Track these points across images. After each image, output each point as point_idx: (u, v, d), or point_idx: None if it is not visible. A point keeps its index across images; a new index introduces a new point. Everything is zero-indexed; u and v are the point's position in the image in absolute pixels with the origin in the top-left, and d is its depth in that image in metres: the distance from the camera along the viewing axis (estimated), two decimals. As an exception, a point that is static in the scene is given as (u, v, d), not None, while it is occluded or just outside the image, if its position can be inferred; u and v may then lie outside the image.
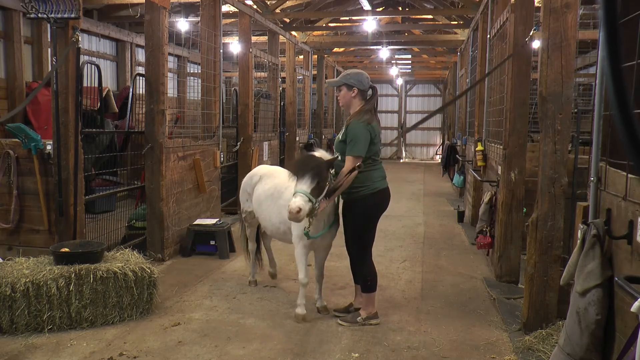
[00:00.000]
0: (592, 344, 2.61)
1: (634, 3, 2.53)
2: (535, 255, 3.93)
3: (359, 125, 4.08)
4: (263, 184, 4.81)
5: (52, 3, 4.72)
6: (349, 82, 4.20)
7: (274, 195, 4.59)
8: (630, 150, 0.83)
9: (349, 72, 4.27)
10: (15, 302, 3.88)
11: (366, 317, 4.24)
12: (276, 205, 4.53)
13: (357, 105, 4.24)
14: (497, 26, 6.31)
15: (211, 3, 7.57)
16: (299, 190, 3.80)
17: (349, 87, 4.21)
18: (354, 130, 4.07)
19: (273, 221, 4.59)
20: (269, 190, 4.68)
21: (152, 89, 5.89)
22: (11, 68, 8.78)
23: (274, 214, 4.56)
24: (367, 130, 4.07)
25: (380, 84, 25.31)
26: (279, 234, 4.62)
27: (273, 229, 4.65)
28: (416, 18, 14.42)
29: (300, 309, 4.32)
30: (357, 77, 4.22)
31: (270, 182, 4.76)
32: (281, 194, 4.48)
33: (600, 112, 2.97)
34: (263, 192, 4.74)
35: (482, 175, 7.00)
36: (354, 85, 4.20)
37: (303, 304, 4.34)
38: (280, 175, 4.76)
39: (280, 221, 4.48)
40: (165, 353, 3.68)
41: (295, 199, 3.76)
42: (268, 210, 4.64)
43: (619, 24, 0.82)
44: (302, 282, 4.34)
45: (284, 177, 4.55)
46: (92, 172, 6.96)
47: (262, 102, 10.15)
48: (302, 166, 3.91)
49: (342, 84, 4.23)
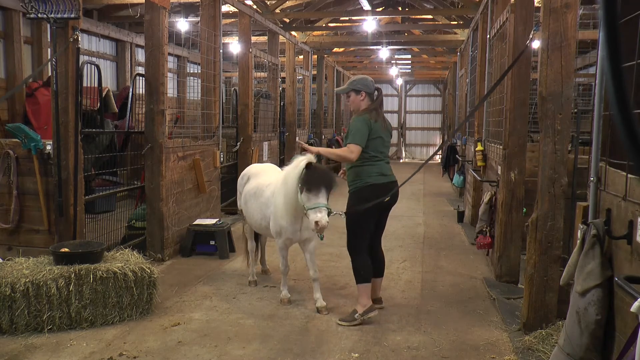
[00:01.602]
0: (592, 344, 2.61)
1: (634, 3, 2.53)
2: (535, 255, 3.92)
3: (357, 119, 4.35)
4: (249, 184, 5.08)
5: (52, 3, 4.71)
6: (356, 88, 4.45)
7: (256, 193, 4.88)
8: (630, 150, 0.83)
9: (354, 79, 4.53)
10: (15, 302, 3.88)
11: (363, 312, 4.25)
12: (257, 203, 4.82)
13: (365, 106, 4.46)
14: (497, 26, 6.31)
15: (211, 3, 7.57)
16: (322, 205, 4.00)
17: (357, 92, 4.46)
18: (353, 123, 4.38)
19: (255, 218, 4.88)
20: (252, 190, 4.96)
21: (152, 89, 5.89)
22: (11, 68, 8.78)
23: (256, 212, 4.85)
24: (365, 123, 4.29)
25: (380, 84, 25.26)
26: (262, 229, 4.93)
27: (257, 225, 4.95)
28: (416, 18, 14.42)
29: (284, 293, 4.74)
30: (363, 81, 4.47)
31: (254, 181, 5.03)
32: (262, 192, 4.80)
33: (600, 112, 2.97)
34: (248, 191, 5.03)
35: (482, 175, 7.00)
36: (362, 89, 4.44)
37: (286, 289, 4.78)
38: (265, 174, 5.05)
39: (261, 217, 4.79)
40: (165, 353, 3.68)
41: (322, 215, 3.95)
42: (252, 208, 4.90)
43: (619, 24, 0.82)
44: (282, 271, 4.77)
45: (269, 176, 4.95)
46: (92, 172, 6.96)
47: (262, 102, 10.15)
48: (319, 181, 4.05)
49: (350, 90, 4.48)
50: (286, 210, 4.37)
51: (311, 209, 3.99)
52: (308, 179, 4.04)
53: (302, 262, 6.03)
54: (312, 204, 3.99)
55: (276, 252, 6.32)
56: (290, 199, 4.27)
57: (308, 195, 4.02)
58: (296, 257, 5.93)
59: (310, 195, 4.01)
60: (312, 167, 4.08)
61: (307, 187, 4.02)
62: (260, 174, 5.10)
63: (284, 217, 4.41)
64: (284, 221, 4.43)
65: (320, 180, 4.04)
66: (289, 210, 4.34)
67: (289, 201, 4.29)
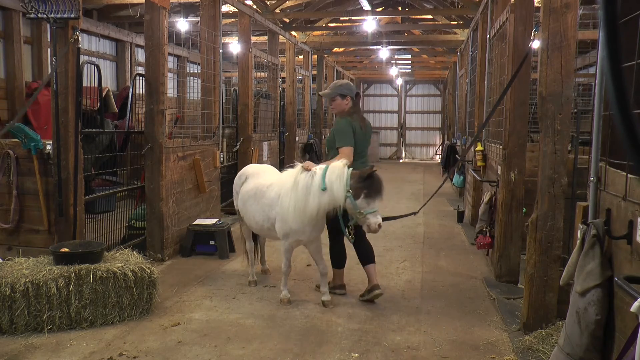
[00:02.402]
0: (592, 344, 2.61)
1: (634, 3, 2.53)
2: (535, 256, 3.92)
3: (341, 121, 4.69)
4: (247, 184, 5.06)
5: (51, 3, 4.71)
6: (343, 92, 4.75)
7: (256, 195, 4.85)
8: (630, 150, 0.83)
9: (340, 84, 4.79)
10: (15, 302, 3.88)
11: (333, 287, 4.83)
12: (259, 204, 4.79)
13: (347, 109, 4.76)
14: (497, 26, 6.31)
15: (211, 3, 7.57)
16: (377, 208, 4.26)
17: (343, 97, 4.75)
18: (337, 125, 4.68)
19: (257, 219, 4.83)
20: (251, 190, 4.93)
21: (152, 89, 5.89)
22: (11, 68, 8.78)
23: (257, 213, 4.81)
24: (348, 123, 4.64)
25: (380, 84, 25.35)
26: (264, 231, 4.89)
27: (257, 227, 4.91)
28: (416, 18, 14.41)
29: (284, 293, 4.76)
30: (348, 86, 4.78)
31: (253, 182, 5.01)
32: (264, 194, 4.77)
33: (599, 112, 2.97)
34: (246, 192, 4.99)
35: (482, 175, 7.00)
36: (347, 94, 4.74)
37: (286, 289, 4.79)
38: (264, 175, 5.05)
39: (264, 219, 4.76)
40: (165, 353, 3.68)
41: (380, 217, 4.25)
42: (252, 210, 4.87)
43: (619, 24, 0.82)
44: (284, 272, 4.76)
45: (268, 176, 4.98)
46: (92, 172, 6.96)
47: (261, 102, 10.15)
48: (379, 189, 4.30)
49: (336, 94, 4.74)
50: (298, 214, 4.42)
51: (370, 213, 4.21)
52: (369, 187, 4.22)
53: (302, 262, 6.04)
54: (370, 209, 4.21)
55: (275, 251, 6.34)
56: (302, 202, 4.38)
57: (367, 200, 4.21)
58: (296, 257, 5.93)
59: (370, 201, 4.21)
60: (374, 176, 4.29)
61: (368, 193, 4.21)
62: (258, 174, 5.09)
63: (295, 219, 4.45)
64: (295, 224, 4.47)
65: (379, 187, 4.29)
66: (303, 214, 4.40)
67: (303, 205, 4.38)
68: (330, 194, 4.29)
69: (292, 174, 4.58)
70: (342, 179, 4.28)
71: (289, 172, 4.69)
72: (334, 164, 4.40)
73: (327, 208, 4.37)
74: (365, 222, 4.24)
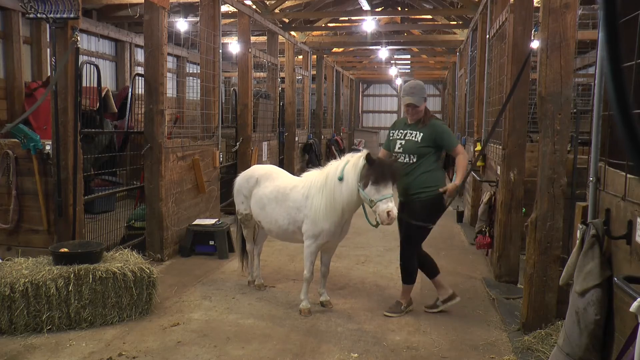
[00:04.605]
0: (591, 344, 2.61)
1: (634, 3, 2.53)
2: (535, 256, 3.93)
3: (438, 123, 4.53)
4: (263, 187, 4.81)
5: (51, 3, 4.71)
6: (425, 96, 4.54)
7: (278, 197, 4.64)
8: (630, 151, 0.83)
9: (421, 86, 4.50)
10: (14, 303, 3.87)
11: (406, 305, 4.53)
12: (282, 207, 4.59)
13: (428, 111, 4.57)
14: (497, 26, 6.31)
15: (210, 3, 7.57)
16: (390, 195, 3.98)
17: (425, 100, 4.56)
18: (441, 127, 4.50)
19: (280, 223, 4.62)
20: (271, 193, 4.70)
21: (152, 89, 5.88)
22: (10, 68, 8.77)
23: (280, 217, 4.60)
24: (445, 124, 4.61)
25: (380, 84, 25.37)
26: (287, 234, 4.67)
27: (279, 231, 4.69)
28: (415, 18, 14.41)
29: (305, 303, 4.51)
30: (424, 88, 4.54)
31: (270, 184, 4.78)
32: (287, 196, 4.57)
33: (599, 112, 2.97)
34: (265, 195, 4.75)
35: (482, 176, 7.00)
36: (425, 97, 4.57)
37: (307, 299, 4.53)
38: (279, 177, 4.85)
39: (289, 222, 4.56)
40: (164, 353, 3.68)
41: (392, 204, 3.97)
42: (274, 213, 4.66)
43: (619, 24, 0.82)
44: (307, 278, 4.51)
45: (284, 178, 4.80)
46: (92, 172, 6.95)
47: (261, 102, 10.15)
48: (386, 173, 4.03)
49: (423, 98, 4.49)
50: (329, 212, 4.29)
51: (380, 200, 3.95)
52: (374, 172, 4.00)
53: (301, 262, 6.02)
54: (380, 196, 3.95)
55: (275, 251, 6.33)
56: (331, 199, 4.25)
57: (376, 187, 3.98)
58: (296, 257, 5.92)
59: (379, 187, 3.97)
60: (377, 161, 4.08)
61: (374, 179, 3.98)
62: (271, 176, 4.87)
63: (327, 219, 4.29)
64: (327, 223, 4.30)
65: (387, 171, 4.01)
66: (333, 211, 4.27)
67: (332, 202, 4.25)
68: (346, 184, 4.17)
69: (322, 173, 4.44)
70: (357, 168, 4.12)
71: (314, 172, 4.56)
72: (357, 154, 4.27)
73: (349, 202, 4.20)
74: (377, 211, 3.98)
